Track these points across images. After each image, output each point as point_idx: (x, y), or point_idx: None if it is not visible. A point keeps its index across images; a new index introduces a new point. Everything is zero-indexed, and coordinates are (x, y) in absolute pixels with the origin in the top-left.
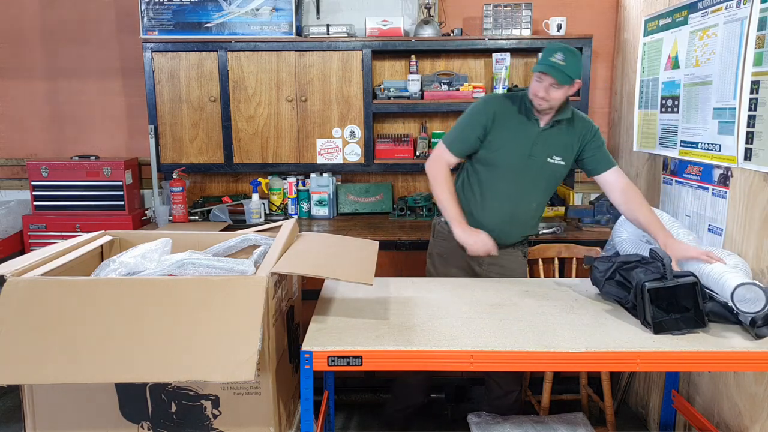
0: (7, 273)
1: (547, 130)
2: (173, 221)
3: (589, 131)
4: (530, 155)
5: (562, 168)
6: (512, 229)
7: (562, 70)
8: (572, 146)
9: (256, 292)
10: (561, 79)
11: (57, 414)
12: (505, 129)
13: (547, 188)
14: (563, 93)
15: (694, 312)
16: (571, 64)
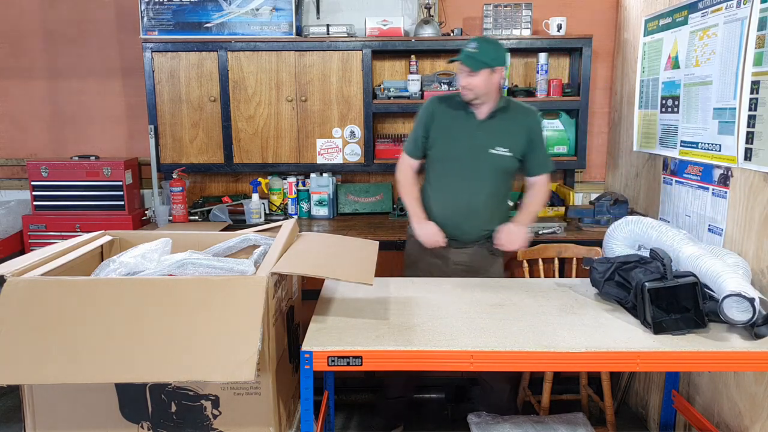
0: (7, 273)
1: (487, 122)
2: (173, 221)
3: (534, 126)
4: (471, 147)
5: (509, 159)
6: (468, 222)
7: (474, 57)
8: (519, 137)
9: (256, 292)
10: (472, 65)
11: (57, 414)
12: (445, 125)
13: (497, 179)
14: (483, 80)
15: (694, 312)
16: (485, 50)
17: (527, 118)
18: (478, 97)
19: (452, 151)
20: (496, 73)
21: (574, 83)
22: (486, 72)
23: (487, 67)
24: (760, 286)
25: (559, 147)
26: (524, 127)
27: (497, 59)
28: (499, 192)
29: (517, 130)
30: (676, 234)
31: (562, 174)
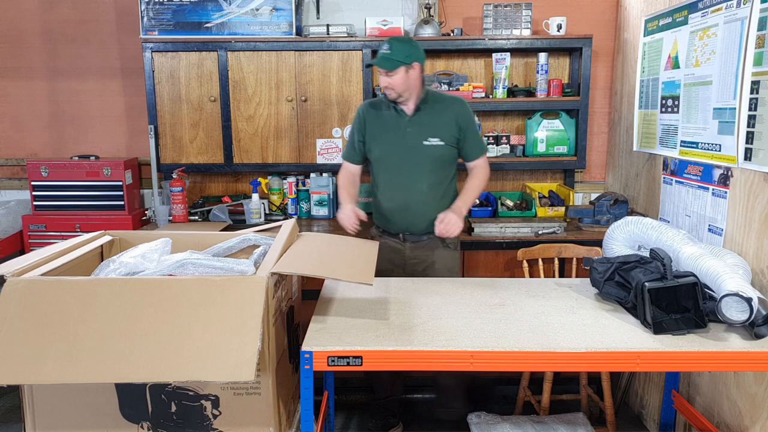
0: (7, 273)
1: (416, 116)
2: (173, 221)
3: (462, 113)
4: (405, 143)
5: (443, 148)
6: (415, 215)
7: (388, 58)
8: (450, 126)
9: (256, 292)
10: (387, 66)
11: (57, 414)
12: (377, 127)
13: (434, 169)
14: (401, 78)
15: (694, 312)
16: (398, 50)
17: (454, 106)
18: (401, 95)
19: (388, 149)
20: (413, 69)
21: (574, 83)
22: (402, 70)
23: (402, 65)
24: (760, 286)
25: (559, 147)
26: (452, 115)
27: (411, 56)
28: (441, 182)
29: (446, 120)
30: (675, 234)
31: (562, 174)
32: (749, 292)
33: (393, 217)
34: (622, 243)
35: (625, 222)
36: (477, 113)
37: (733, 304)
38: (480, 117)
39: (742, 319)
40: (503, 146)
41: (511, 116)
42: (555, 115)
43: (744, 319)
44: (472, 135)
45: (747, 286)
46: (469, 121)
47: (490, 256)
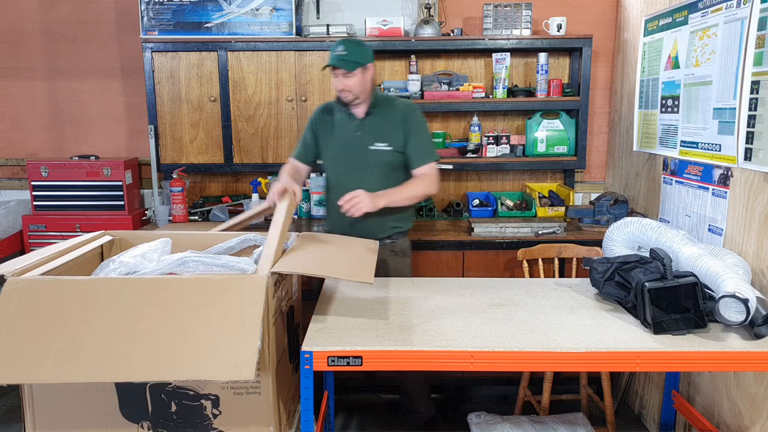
0: (7, 273)
1: (365, 120)
2: (173, 221)
3: (409, 118)
4: (353, 146)
5: (391, 153)
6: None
7: (346, 59)
8: (397, 131)
9: (256, 291)
10: (348, 67)
11: (57, 414)
12: (328, 130)
13: (383, 175)
14: (358, 80)
15: (694, 312)
16: (353, 51)
17: (401, 111)
18: (357, 97)
19: (338, 152)
20: (368, 71)
21: (574, 83)
22: (360, 71)
23: (360, 66)
24: (760, 286)
25: (559, 147)
26: (399, 119)
27: (367, 57)
28: (389, 187)
29: (393, 124)
30: (675, 235)
31: (562, 174)
32: (746, 293)
33: (343, 222)
34: (621, 244)
35: (624, 223)
36: (477, 113)
37: (731, 304)
38: (480, 117)
39: (740, 320)
40: (503, 146)
41: (511, 116)
42: (555, 115)
43: (741, 320)
44: (416, 140)
45: (746, 287)
46: (414, 125)
47: (490, 256)
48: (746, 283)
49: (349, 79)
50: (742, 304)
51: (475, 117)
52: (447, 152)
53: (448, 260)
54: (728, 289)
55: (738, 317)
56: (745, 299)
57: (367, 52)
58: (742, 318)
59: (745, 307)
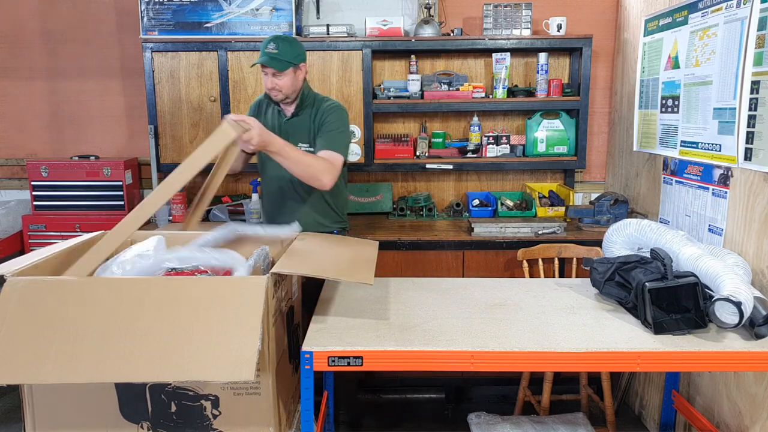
0: (7, 273)
1: (292, 120)
2: (173, 221)
3: (322, 113)
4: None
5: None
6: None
7: (277, 57)
8: (313, 130)
9: (256, 292)
10: (278, 67)
11: (57, 414)
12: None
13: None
14: (290, 79)
15: (694, 312)
16: (285, 50)
17: (322, 111)
18: (287, 97)
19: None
20: (300, 71)
21: (574, 83)
22: (291, 71)
23: (291, 66)
24: (760, 286)
25: (559, 147)
26: (318, 117)
27: (299, 56)
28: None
29: (314, 125)
30: (674, 235)
31: (562, 174)
32: (741, 296)
33: (272, 218)
34: (621, 246)
35: (623, 225)
36: (477, 113)
37: (725, 307)
38: (480, 117)
39: (733, 323)
40: (503, 146)
41: (511, 116)
42: (555, 115)
43: (734, 323)
44: (326, 133)
45: (743, 289)
46: (328, 121)
47: (490, 256)
48: (745, 284)
49: (279, 78)
50: (735, 306)
51: (475, 117)
52: (447, 152)
53: (448, 260)
54: (724, 292)
55: (732, 319)
56: (738, 302)
57: (299, 52)
58: (736, 320)
59: (738, 309)
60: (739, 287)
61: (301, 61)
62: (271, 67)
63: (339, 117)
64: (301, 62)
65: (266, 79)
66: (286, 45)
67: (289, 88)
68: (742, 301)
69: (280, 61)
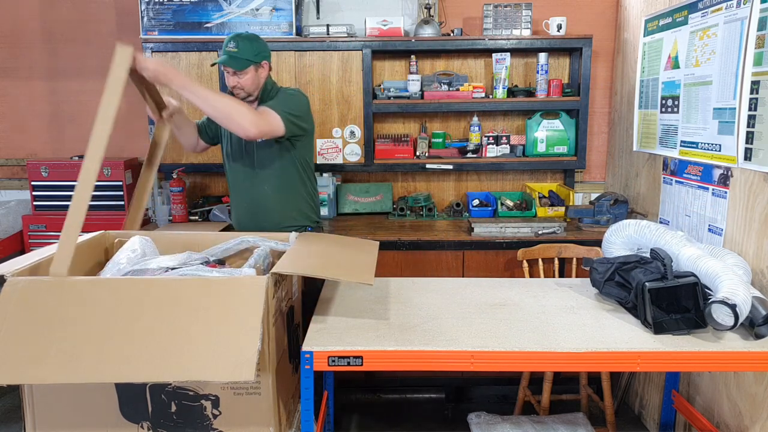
0: (7, 273)
1: None
2: (173, 221)
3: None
4: (244, 141)
5: (276, 148)
6: (261, 217)
7: (237, 56)
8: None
9: (256, 292)
10: (237, 66)
11: (57, 414)
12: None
13: (277, 171)
14: (251, 77)
15: (694, 312)
16: (245, 48)
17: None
18: (250, 95)
19: (230, 147)
20: (262, 68)
21: (574, 83)
22: (252, 69)
23: (252, 64)
24: (760, 286)
25: (559, 147)
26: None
27: (260, 53)
28: (287, 184)
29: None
30: (674, 236)
31: (562, 174)
32: (736, 298)
33: (242, 220)
34: (620, 247)
35: (622, 226)
36: (477, 113)
37: (721, 309)
38: (480, 117)
39: (728, 325)
40: (503, 146)
41: (511, 116)
42: (555, 115)
43: (729, 325)
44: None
45: (740, 290)
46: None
47: (490, 256)
48: (743, 285)
49: (240, 77)
50: (731, 309)
51: (475, 117)
52: (447, 152)
53: (448, 260)
54: (720, 294)
55: (727, 321)
56: (732, 305)
57: (261, 49)
58: (731, 323)
59: (734, 312)
60: (736, 289)
61: (262, 59)
62: (229, 66)
63: (290, 93)
64: (262, 60)
65: (228, 77)
66: (246, 43)
67: (251, 86)
68: (738, 303)
69: (239, 60)
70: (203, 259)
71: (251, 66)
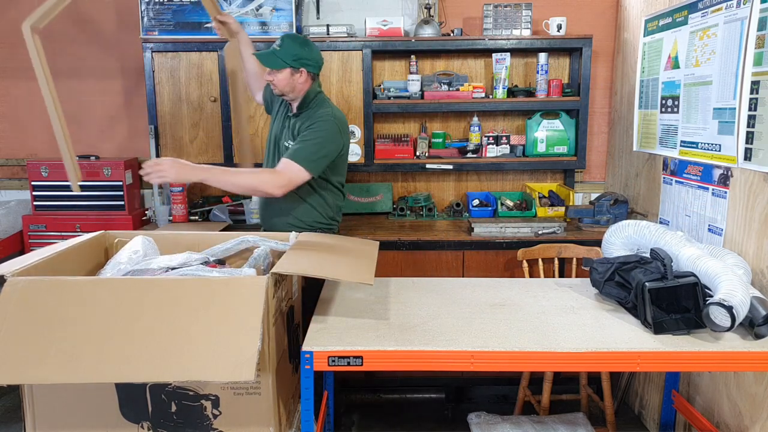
0: (7, 273)
1: (293, 117)
2: (173, 221)
3: (308, 124)
4: (276, 137)
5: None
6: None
7: (274, 53)
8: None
9: (256, 292)
10: (268, 63)
11: (57, 414)
12: (276, 111)
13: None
14: (285, 78)
15: (694, 312)
16: (287, 48)
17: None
18: (284, 93)
19: (269, 136)
20: (299, 75)
21: (574, 83)
22: (288, 72)
23: (286, 66)
24: (760, 286)
25: (559, 147)
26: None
27: (301, 60)
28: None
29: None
30: (673, 236)
31: (562, 174)
32: (734, 299)
33: (261, 213)
34: (620, 248)
35: (621, 226)
36: (477, 113)
37: (718, 311)
38: (480, 117)
39: (725, 326)
40: (503, 146)
41: (511, 116)
42: (555, 115)
43: (726, 327)
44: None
45: (738, 291)
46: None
47: (490, 256)
48: (742, 286)
49: (275, 74)
50: (727, 311)
51: (475, 117)
52: (447, 152)
53: (448, 260)
54: (718, 295)
55: (724, 323)
56: (729, 306)
57: (304, 55)
58: (728, 324)
59: (730, 314)
60: (734, 290)
61: (301, 66)
62: (261, 60)
63: (320, 128)
64: (301, 66)
65: (266, 72)
66: (290, 44)
67: (284, 86)
68: (735, 304)
69: (274, 58)
70: (203, 259)
71: (286, 68)
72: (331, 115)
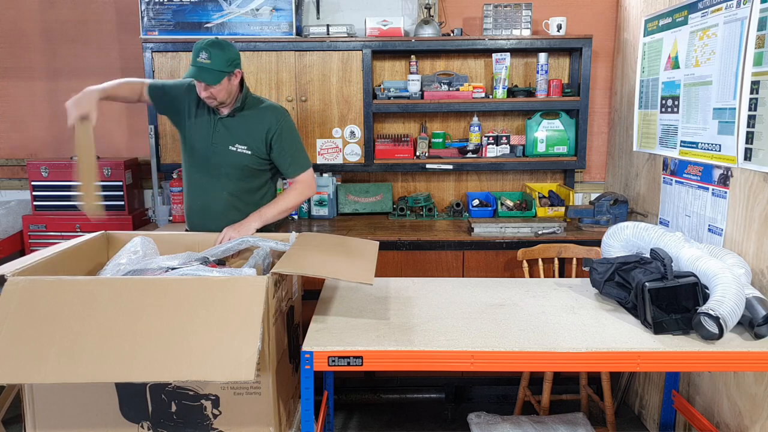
0: (7, 273)
1: (227, 119)
2: (173, 221)
3: (274, 126)
4: (211, 143)
5: (250, 157)
6: (213, 221)
7: (209, 68)
8: (258, 136)
9: (256, 292)
10: (210, 80)
11: (57, 414)
12: (191, 113)
13: (239, 178)
14: (225, 87)
15: (694, 312)
16: (217, 58)
17: (267, 117)
18: (223, 103)
19: (195, 144)
20: (235, 77)
21: (574, 83)
22: (225, 80)
23: (225, 76)
24: (760, 286)
25: (559, 147)
26: (263, 126)
27: (232, 62)
28: (247, 192)
29: (256, 129)
30: (672, 237)
31: (562, 174)
32: (721, 308)
33: (194, 219)
34: (619, 250)
35: (620, 228)
36: (477, 113)
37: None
38: (480, 117)
39: (714, 335)
40: (503, 146)
41: (511, 116)
42: (555, 115)
43: (715, 336)
44: (287, 152)
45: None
46: (282, 137)
47: (490, 256)
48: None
49: (212, 88)
50: (713, 321)
51: (475, 117)
52: (447, 152)
53: (448, 260)
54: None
55: (714, 330)
56: (716, 317)
57: (232, 57)
58: (716, 333)
59: (717, 324)
60: (724, 297)
61: (234, 68)
62: (202, 80)
63: (288, 126)
64: (234, 69)
65: (199, 86)
66: (217, 52)
67: (224, 96)
68: (723, 314)
69: (212, 73)
70: (203, 259)
71: (224, 77)
72: (279, 108)
